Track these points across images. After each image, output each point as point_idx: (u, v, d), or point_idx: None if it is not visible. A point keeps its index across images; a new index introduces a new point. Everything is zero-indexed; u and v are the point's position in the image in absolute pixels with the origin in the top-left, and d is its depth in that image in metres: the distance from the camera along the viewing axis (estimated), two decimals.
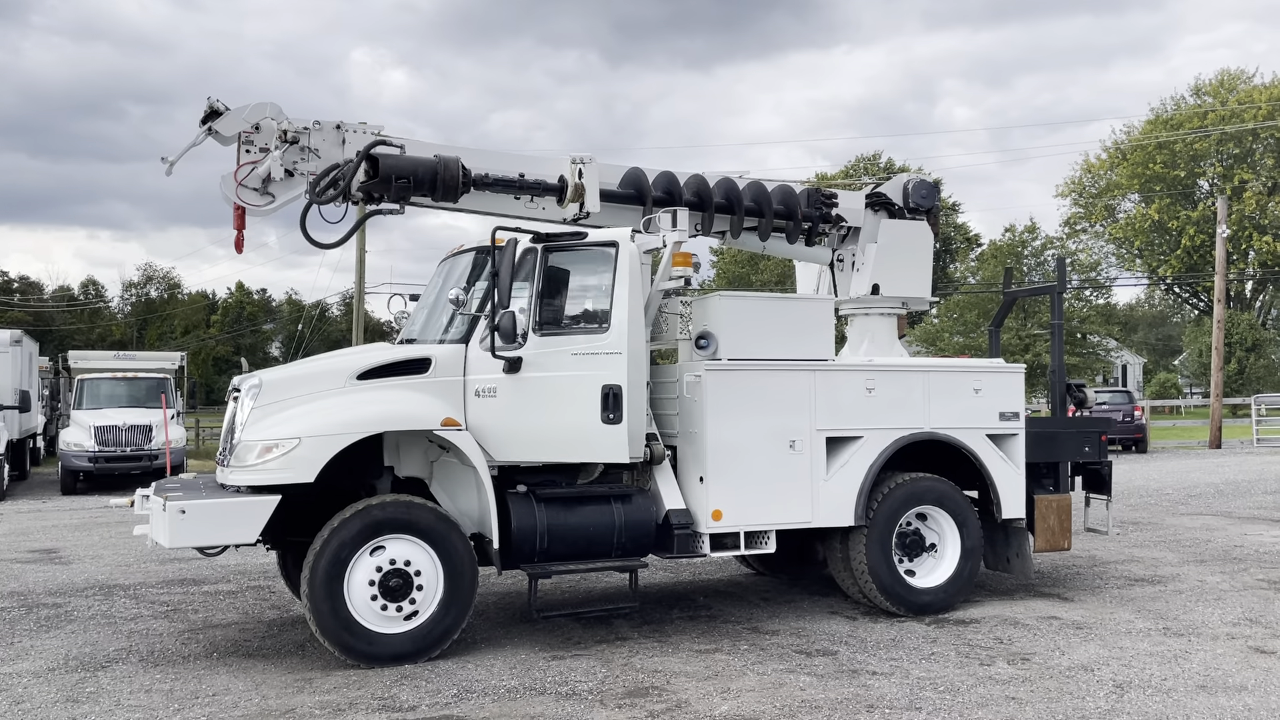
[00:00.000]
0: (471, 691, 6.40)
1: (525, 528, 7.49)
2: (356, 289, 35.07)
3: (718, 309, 8.18)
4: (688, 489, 8.06)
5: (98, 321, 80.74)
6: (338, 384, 7.33)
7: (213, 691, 6.48)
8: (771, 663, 7.05)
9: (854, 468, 8.38)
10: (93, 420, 20.98)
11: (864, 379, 8.49)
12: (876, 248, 9.57)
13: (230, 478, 7.23)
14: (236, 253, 8.15)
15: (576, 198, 8.25)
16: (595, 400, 7.69)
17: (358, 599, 7.00)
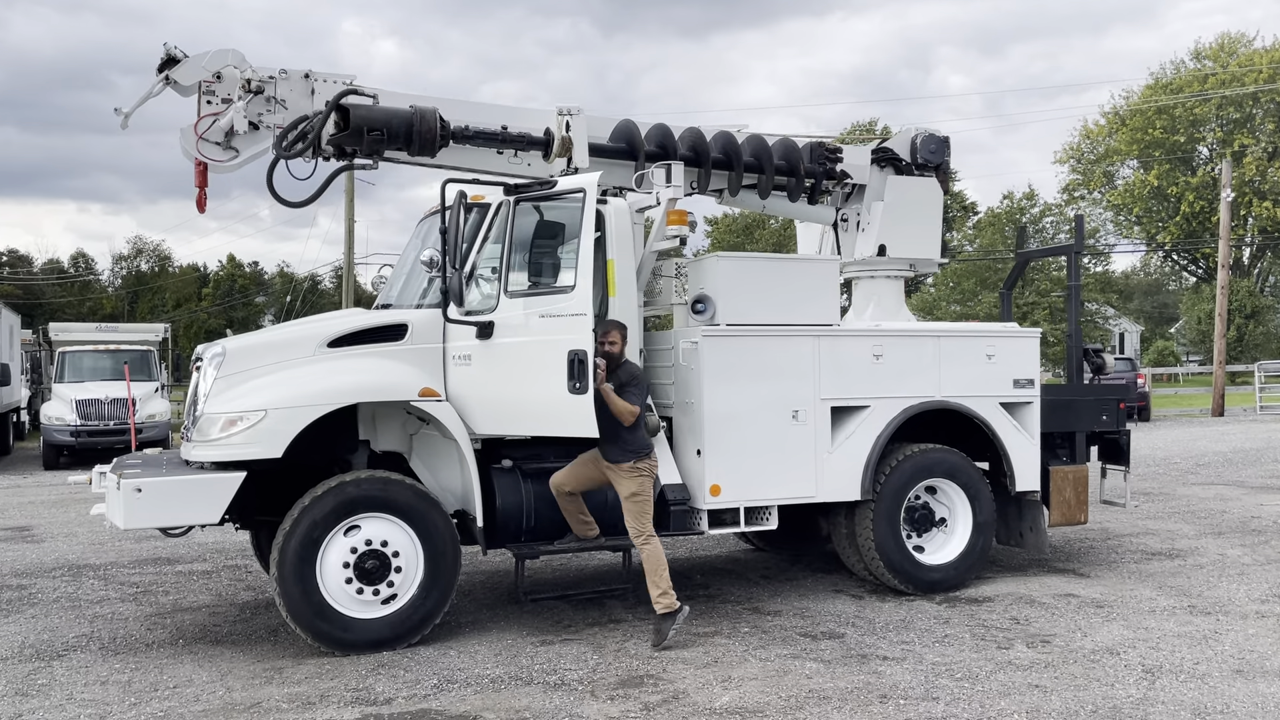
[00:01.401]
0: (453, 681, 5.94)
1: (511, 505, 7.01)
2: (346, 259, 34.43)
3: (715, 271, 7.65)
4: (684, 463, 7.58)
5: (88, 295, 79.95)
6: (306, 352, 6.81)
7: (174, 683, 6.01)
8: (775, 647, 6.59)
9: (860, 439, 7.89)
10: (74, 394, 20.44)
11: (871, 345, 7.99)
12: (883, 206, 9.03)
13: (193, 453, 6.73)
14: (198, 212, 7.59)
15: (563, 152, 7.70)
16: (562, 367, 7.07)
17: (331, 582, 6.53)
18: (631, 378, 6.83)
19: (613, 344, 6.82)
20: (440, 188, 6.85)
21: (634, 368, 6.96)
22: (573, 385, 6.61)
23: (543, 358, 6.84)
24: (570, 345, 6.63)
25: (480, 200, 7.30)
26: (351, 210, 33.18)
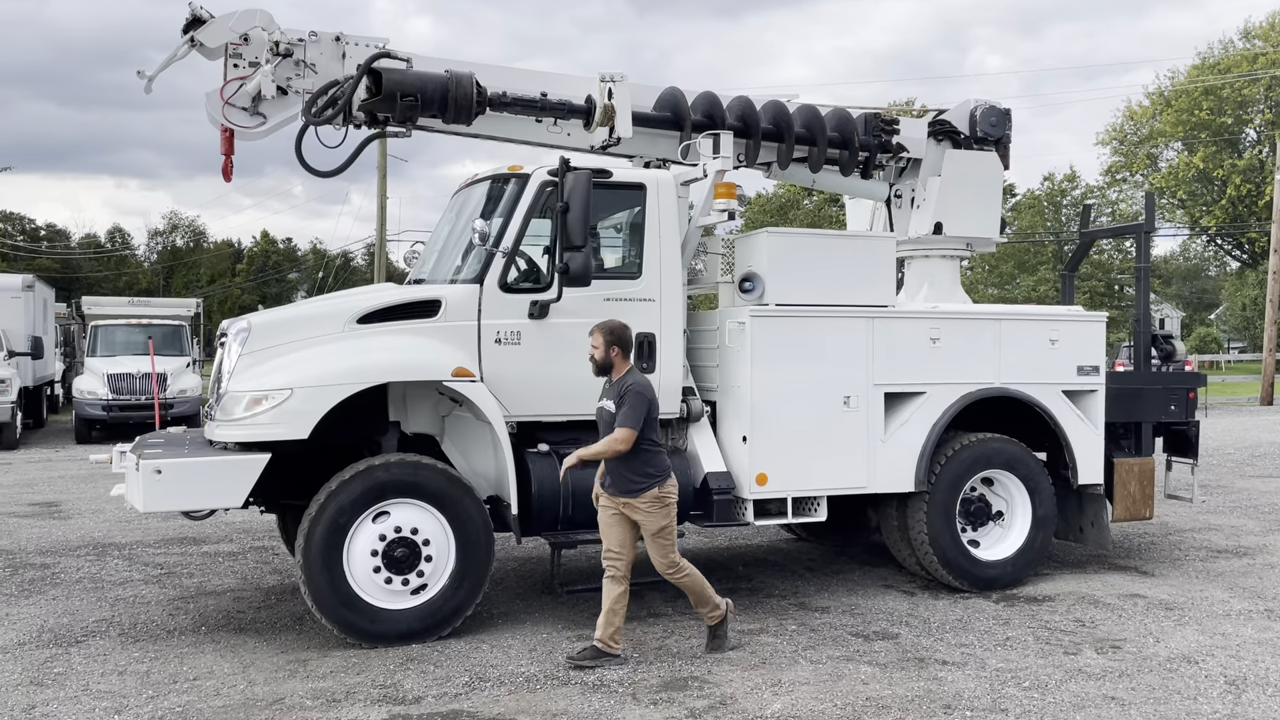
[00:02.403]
0: (485, 680, 5.61)
1: (547, 492, 6.65)
2: (378, 236, 34.25)
3: (764, 248, 7.23)
4: (729, 450, 7.19)
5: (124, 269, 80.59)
6: (336, 328, 6.48)
7: (194, 675, 5.73)
8: (825, 648, 6.21)
9: (915, 427, 7.47)
10: (106, 368, 20.36)
11: (928, 328, 7.54)
12: (940, 181, 8.55)
13: (216, 433, 6.43)
14: (224, 181, 7.27)
15: (606, 121, 7.29)
16: None
17: (359, 571, 6.22)
18: (625, 392, 5.78)
19: (595, 348, 5.95)
20: (560, 162, 6.54)
21: (631, 380, 5.85)
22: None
23: None
24: (638, 328, 6.71)
25: (519, 172, 6.96)
26: (384, 186, 32.96)
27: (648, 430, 5.80)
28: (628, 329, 6.03)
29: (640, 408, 5.75)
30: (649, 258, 7.02)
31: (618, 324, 6.01)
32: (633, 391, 5.77)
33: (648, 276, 7.01)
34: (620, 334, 5.96)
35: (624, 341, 5.97)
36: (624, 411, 5.73)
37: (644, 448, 5.81)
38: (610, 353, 5.92)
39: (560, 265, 6.48)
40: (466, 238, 7.09)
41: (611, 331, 5.94)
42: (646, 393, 5.83)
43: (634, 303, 6.95)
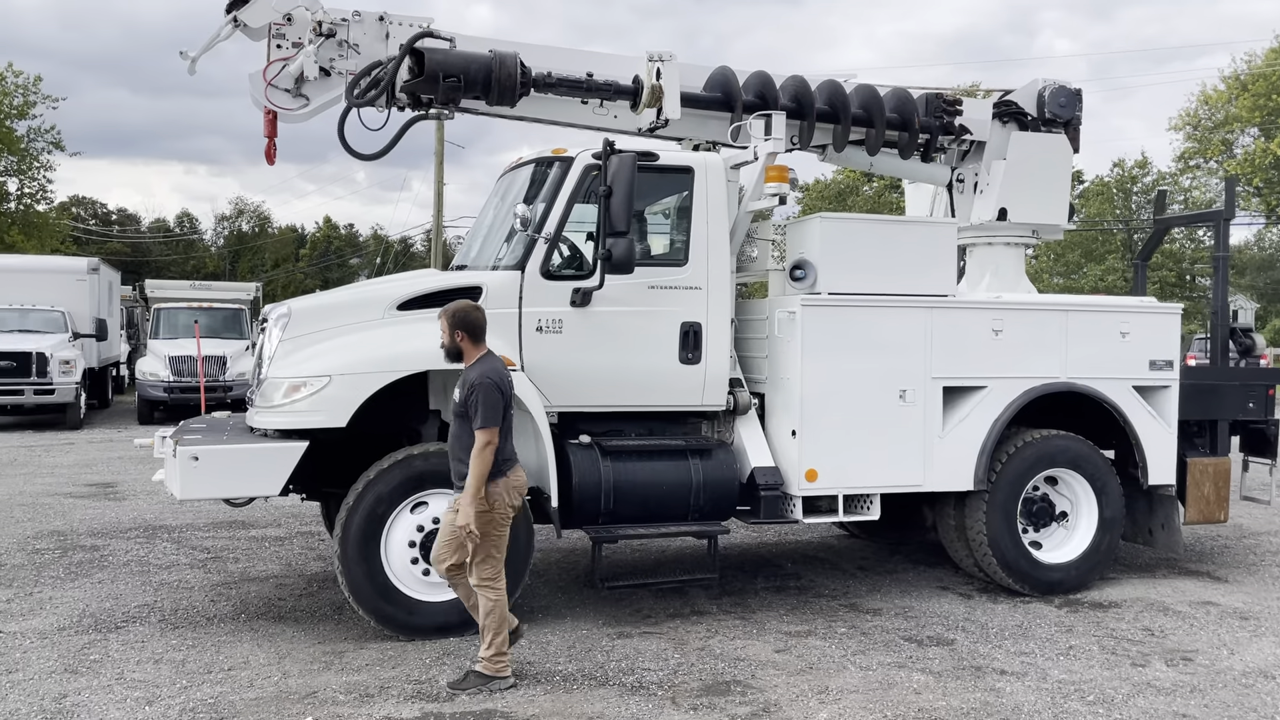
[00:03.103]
0: (521, 677, 5.44)
1: (588, 484, 6.47)
2: (435, 222, 34.42)
3: (817, 234, 6.94)
4: (777, 444, 6.94)
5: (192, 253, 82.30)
6: (375, 314, 6.35)
7: (229, 665, 5.66)
8: (876, 653, 5.94)
9: (975, 423, 7.14)
10: (168, 350, 20.69)
11: (991, 319, 7.20)
12: (1005, 165, 8.15)
13: (256, 419, 6.36)
14: (267, 164, 7.18)
15: (653, 102, 7.05)
16: (673, 339, 6.64)
17: (396, 562, 6.10)
18: (473, 388, 5.15)
19: (441, 333, 5.42)
20: (604, 144, 6.30)
21: (477, 371, 5.23)
22: (684, 356, 6.60)
23: (649, 328, 6.60)
24: (684, 317, 6.61)
25: (563, 155, 6.76)
26: (440, 173, 33.09)
27: (507, 418, 5.27)
28: (473, 310, 5.40)
29: (493, 402, 5.14)
30: (696, 244, 6.78)
31: (462, 305, 5.44)
32: (481, 387, 5.15)
33: (694, 263, 6.77)
34: (463, 316, 5.36)
35: (469, 325, 5.35)
36: (479, 413, 5.12)
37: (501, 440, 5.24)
38: (455, 338, 5.37)
39: (603, 252, 6.27)
40: (509, 223, 6.91)
41: (453, 315, 5.38)
42: (495, 380, 5.19)
43: (679, 290, 6.73)
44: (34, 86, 38.08)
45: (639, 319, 6.64)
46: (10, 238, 36.57)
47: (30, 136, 38.64)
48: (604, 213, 6.25)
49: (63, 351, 18.80)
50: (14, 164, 38.94)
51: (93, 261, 22.44)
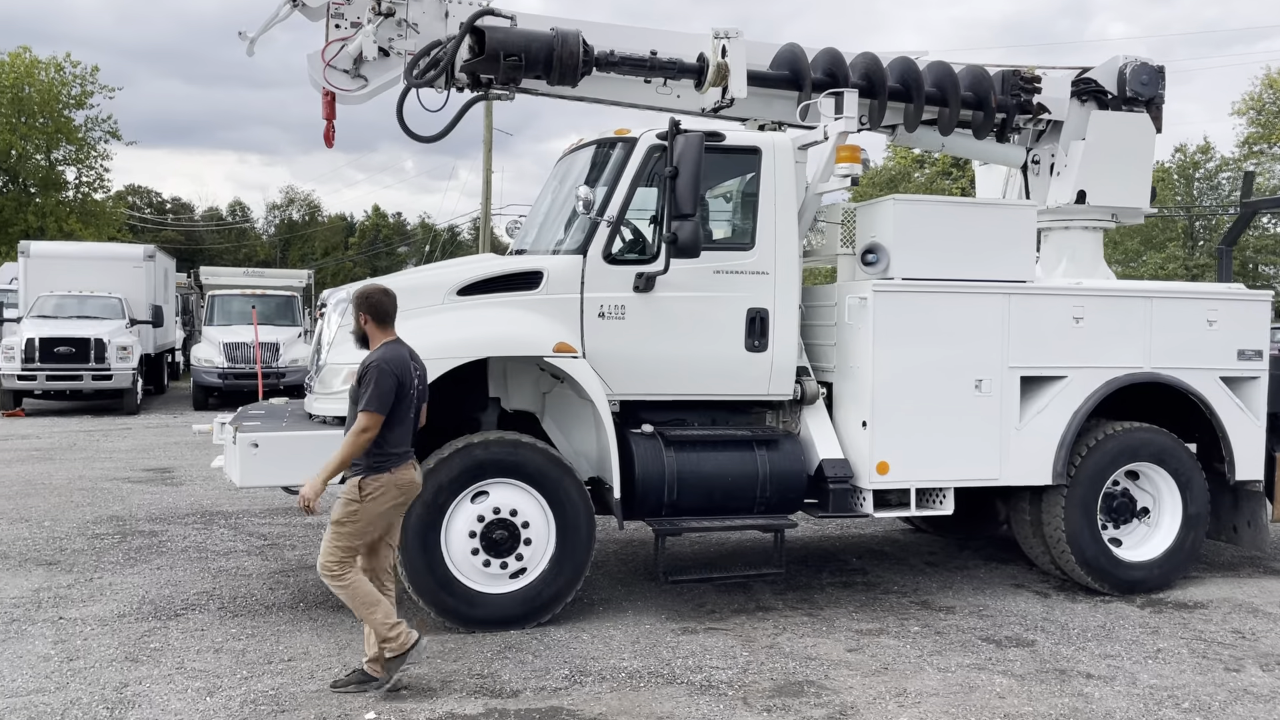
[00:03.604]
0: (586, 674, 5.29)
1: (651, 475, 6.28)
2: (483, 210, 34.47)
3: (890, 217, 6.68)
4: (846, 435, 6.70)
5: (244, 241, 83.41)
6: (435, 300, 6.21)
7: (289, 655, 5.56)
8: (953, 654, 5.70)
9: (1054, 414, 6.84)
10: (222, 336, 20.88)
11: (1071, 305, 6.88)
12: (1084, 146, 7.80)
13: (315, 406, 6.26)
14: (326, 146, 7.06)
15: (719, 81, 6.82)
16: (739, 325, 6.43)
17: (457, 552, 5.97)
18: (366, 369, 4.91)
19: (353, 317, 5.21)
20: (670, 124, 6.10)
21: (377, 354, 4.98)
22: (751, 343, 6.40)
23: (714, 314, 6.39)
24: (750, 303, 6.41)
25: (626, 136, 6.57)
26: (489, 160, 33.08)
27: (399, 410, 4.93)
28: (378, 293, 5.14)
29: (385, 386, 4.85)
30: (763, 227, 6.55)
31: (368, 287, 5.21)
32: (374, 368, 4.89)
33: (761, 247, 6.54)
34: (368, 299, 5.10)
35: (374, 308, 5.09)
36: (365, 394, 4.85)
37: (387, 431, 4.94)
38: (361, 321, 5.12)
39: (668, 235, 6.06)
40: (569, 207, 6.74)
41: (358, 298, 5.14)
42: (390, 366, 4.91)
43: (746, 275, 6.51)
44: (91, 77, 38.73)
45: (704, 305, 6.43)
46: (69, 225, 37.24)
47: (88, 126, 39.31)
48: (670, 194, 6.04)
49: (120, 338, 19.02)
50: (72, 153, 39.66)
51: (149, 249, 22.69)
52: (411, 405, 5.03)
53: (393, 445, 4.98)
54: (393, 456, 4.99)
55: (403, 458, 5.03)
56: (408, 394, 4.97)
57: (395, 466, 4.99)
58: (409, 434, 5.08)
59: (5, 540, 8.23)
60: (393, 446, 4.98)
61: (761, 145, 6.60)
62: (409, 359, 5.07)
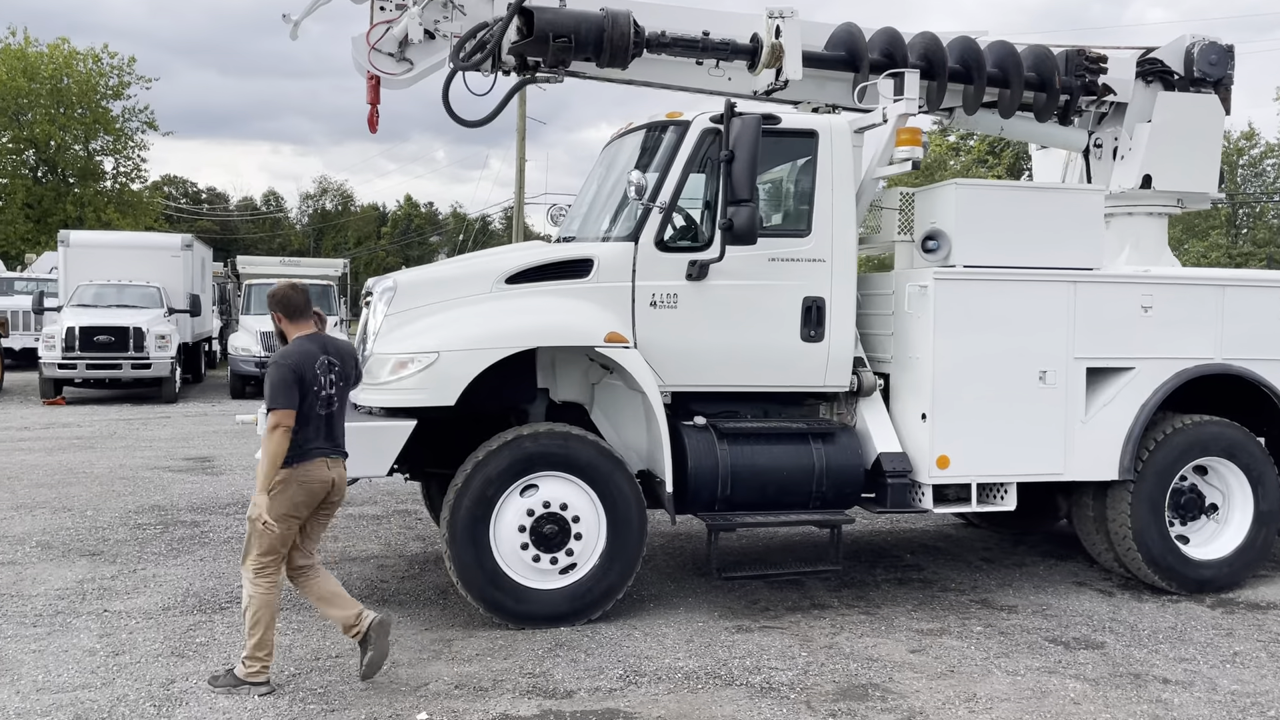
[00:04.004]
0: (641, 674, 5.13)
1: (704, 468, 6.11)
2: (516, 199, 34.36)
3: (952, 202, 6.44)
4: (904, 428, 6.48)
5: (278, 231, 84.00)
6: (483, 288, 6.06)
7: (336, 651, 5.45)
8: (1021, 655, 5.49)
9: (1121, 407, 6.59)
10: (259, 325, 20.87)
11: (1140, 294, 6.62)
12: (1150, 128, 7.53)
13: (361, 397, 6.11)
14: (370, 132, 6.93)
15: (773, 62, 6.62)
16: (795, 314, 6.23)
17: (505, 547, 5.83)
18: (269, 366, 4.84)
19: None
20: (726, 106, 5.92)
21: (286, 349, 4.90)
22: (806, 333, 6.19)
23: (769, 303, 6.19)
24: (806, 291, 6.20)
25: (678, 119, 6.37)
26: (522, 148, 32.95)
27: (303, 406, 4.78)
28: (288, 289, 5.09)
29: (281, 383, 4.73)
30: (819, 213, 6.34)
31: (280, 285, 5.16)
32: (272, 366, 4.81)
33: (818, 234, 6.33)
34: (276, 296, 5.06)
35: (285, 304, 5.03)
36: (266, 393, 4.76)
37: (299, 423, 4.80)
38: (276, 320, 5.07)
39: (723, 221, 5.86)
40: (618, 193, 6.57)
41: (270, 297, 5.10)
42: (288, 361, 4.80)
43: (802, 263, 6.31)
44: (128, 67, 39.04)
45: (758, 293, 6.24)
46: (107, 215, 37.60)
47: (125, 116, 39.64)
48: (725, 179, 5.84)
49: (158, 326, 19.08)
50: (110, 143, 40.02)
51: (186, 238, 22.77)
52: (318, 401, 4.86)
53: (302, 442, 4.81)
54: (295, 453, 4.80)
55: (308, 454, 4.84)
56: (310, 390, 4.82)
57: (298, 462, 4.81)
58: (319, 430, 4.88)
59: (49, 530, 8.21)
60: (301, 444, 4.81)
61: (819, 128, 6.38)
62: (319, 353, 4.91)
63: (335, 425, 4.97)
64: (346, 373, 5.05)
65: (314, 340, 4.98)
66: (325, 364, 4.90)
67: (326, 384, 4.89)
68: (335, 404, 4.94)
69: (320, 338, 5.02)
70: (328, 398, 4.89)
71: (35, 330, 21.95)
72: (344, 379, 5.02)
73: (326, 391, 4.89)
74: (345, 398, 5.08)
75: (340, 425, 5.03)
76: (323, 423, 4.89)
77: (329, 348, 4.98)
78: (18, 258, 34.95)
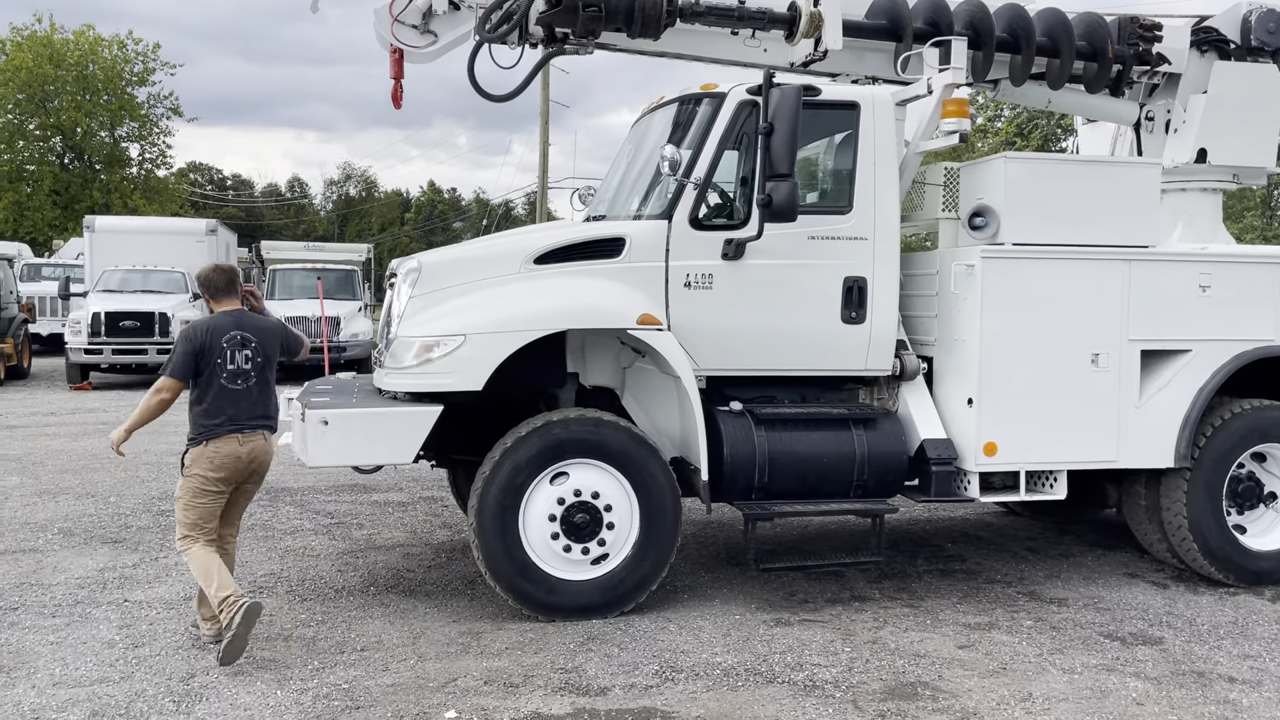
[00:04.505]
0: (678, 670, 4.92)
1: (741, 456, 5.87)
2: (540, 182, 34.11)
3: (1001, 176, 6.14)
4: (949, 414, 6.22)
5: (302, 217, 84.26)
6: (511, 269, 5.83)
7: (361, 645, 5.27)
8: (1076, 652, 5.23)
9: (1177, 391, 6.29)
10: (284, 311, 20.75)
11: (1197, 273, 6.31)
12: (1205, 100, 7.19)
13: (386, 381, 5.93)
14: (394, 108, 6.72)
15: (811, 31, 6.33)
16: (835, 295, 5.97)
17: (535, 537, 5.62)
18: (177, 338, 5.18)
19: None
20: (765, 76, 5.65)
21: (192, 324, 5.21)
22: (848, 314, 5.94)
23: (809, 283, 5.93)
24: (847, 271, 5.94)
25: (713, 91, 6.11)
26: (545, 133, 32.67)
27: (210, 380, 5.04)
28: (210, 270, 5.38)
29: (180, 351, 5.03)
30: (861, 189, 6.07)
31: (204, 268, 5.45)
32: (179, 336, 5.15)
33: (859, 211, 6.06)
34: (202, 278, 5.37)
35: (206, 284, 5.33)
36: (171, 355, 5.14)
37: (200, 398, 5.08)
38: (205, 299, 5.41)
39: (762, 197, 5.60)
40: (649, 170, 6.32)
41: (197, 278, 5.51)
42: (190, 334, 5.09)
43: (842, 241, 6.03)
44: (153, 54, 39.09)
45: (797, 273, 5.98)
46: (133, 201, 37.72)
47: (150, 103, 39.72)
48: (764, 153, 5.58)
49: (184, 311, 19.02)
50: (135, 130, 40.12)
51: (211, 223, 22.73)
52: (222, 374, 5.06)
53: (207, 417, 5.04)
54: (206, 429, 5.03)
55: (216, 431, 5.03)
56: (212, 362, 5.03)
57: (207, 439, 5.02)
58: (228, 404, 5.07)
59: (71, 516, 8.09)
60: (207, 418, 5.04)
61: (860, 100, 6.10)
62: (230, 329, 5.13)
63: (253, 400, 5.14)
64: (266, 349, 5.21)
65: (229, 316, 5.20)
66: (236, 339, 5.12)
67: (234, 359, 5.10)
68: (252, 379, 5.13)
69: (237, 314, 5.24)
70: (236, 372, 5.09)
71: (62, 316, 22.00)
72: (262, 355, 5.19)
73: (234, 366, 5.09)
74: (266, 374, 5.23)
75: (264, 400, 5.21)
76: (234, 397, 5.07)
77: (244, 323, 5.20)
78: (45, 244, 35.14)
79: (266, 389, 5.23)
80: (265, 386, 5.21)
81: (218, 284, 5.29)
